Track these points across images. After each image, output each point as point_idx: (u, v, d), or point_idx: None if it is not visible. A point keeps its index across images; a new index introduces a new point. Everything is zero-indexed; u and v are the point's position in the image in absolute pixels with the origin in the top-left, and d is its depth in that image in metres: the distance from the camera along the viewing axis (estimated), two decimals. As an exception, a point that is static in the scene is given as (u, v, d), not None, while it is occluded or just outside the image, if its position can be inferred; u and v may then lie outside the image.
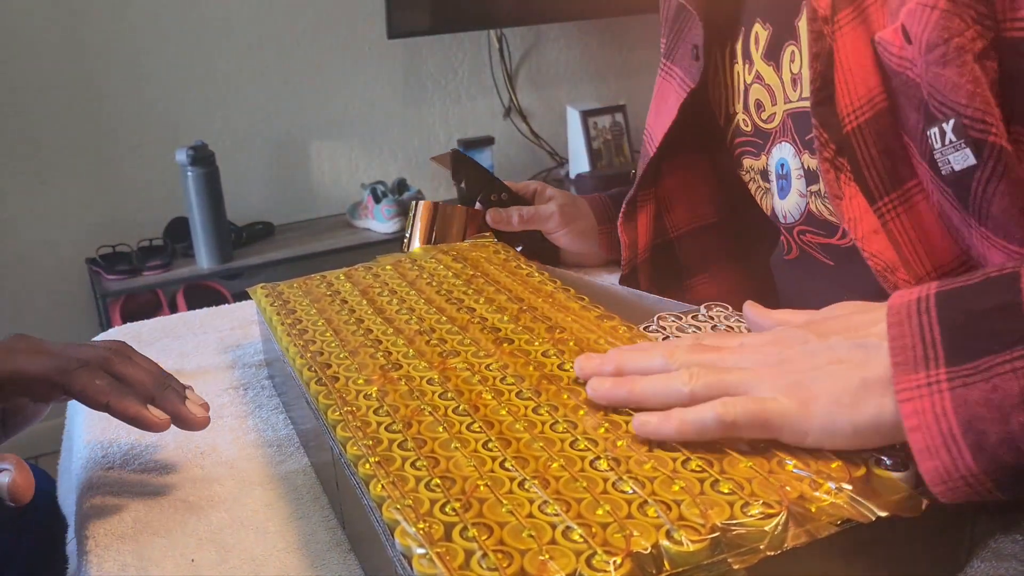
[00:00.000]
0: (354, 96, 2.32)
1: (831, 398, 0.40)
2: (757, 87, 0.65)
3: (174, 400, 0.52)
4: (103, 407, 0.50)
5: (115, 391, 0.50)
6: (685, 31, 0.69)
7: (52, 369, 0.50)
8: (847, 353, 0.41)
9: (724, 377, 0.43)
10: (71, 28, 1.97)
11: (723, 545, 0.35)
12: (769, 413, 0.41)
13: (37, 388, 0.50)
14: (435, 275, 0.68)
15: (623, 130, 2.56)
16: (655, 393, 0.44)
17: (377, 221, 2.18)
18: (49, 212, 2.03)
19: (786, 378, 0.42)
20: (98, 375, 0.50)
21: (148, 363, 0.55)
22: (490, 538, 0.36)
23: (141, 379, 0.52)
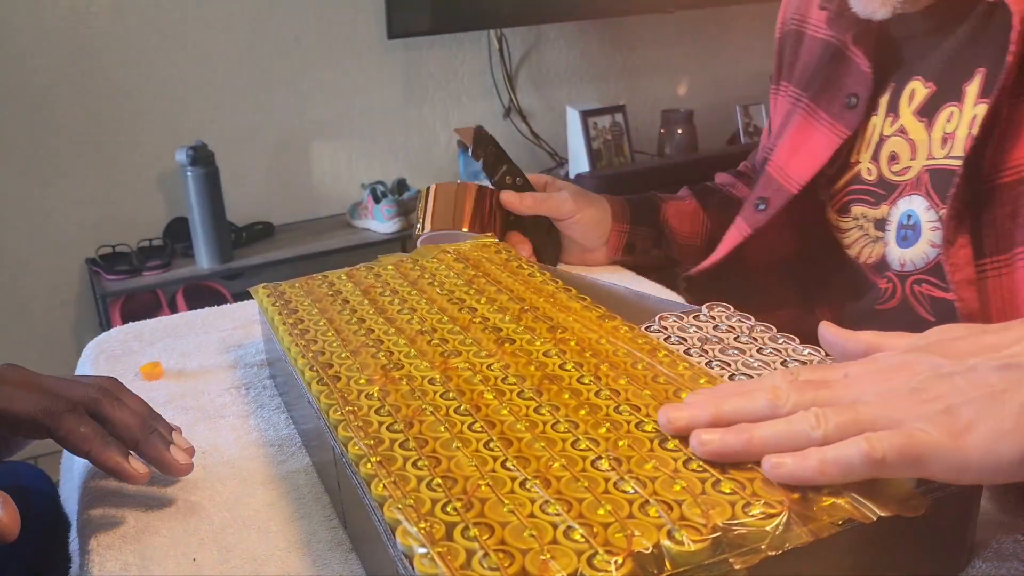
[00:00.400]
0: (354, 96, 2.32)
1: (990, 427, 0.36)
2: (897, 140, 0.67)
3: (158, 446, 0.52)
4: (84, 455, 0.50)
5: (98, 440, 0.50)
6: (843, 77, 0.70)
7: (40, 410, 0.49)
8: (996, 377, 0.38)
9: (856, 415, 0.38)
10: (71, 28, 1.97)
11: (724, 545, 0.35)
12: (921, 446, 0.36)
13: (24, 428, 0.50)
14: (437, 275, 0.68)
15: (623, 130, 2.56)
16: (780, 442, 0.38)
17: (377, 221, 2.18)
18: (49, 212, 2.03)
19: (928, 407, 0.38)
20: (83, 421, 0.50)
21: (137, 403, 0.54)
22: (491, 538, 0.36)
23: (127, 423, 0.52)
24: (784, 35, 0.78)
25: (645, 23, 2.69)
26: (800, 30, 0.75)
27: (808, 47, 0.74)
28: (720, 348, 0.53)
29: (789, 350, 0.52)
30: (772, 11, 0.79)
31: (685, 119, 2.64)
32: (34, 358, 2.06)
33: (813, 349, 0.52)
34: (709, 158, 2.54)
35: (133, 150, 2.09)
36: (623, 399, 0.47)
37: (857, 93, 0.68)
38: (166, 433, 0.54)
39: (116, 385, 0.55)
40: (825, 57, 0.71)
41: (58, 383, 0.52)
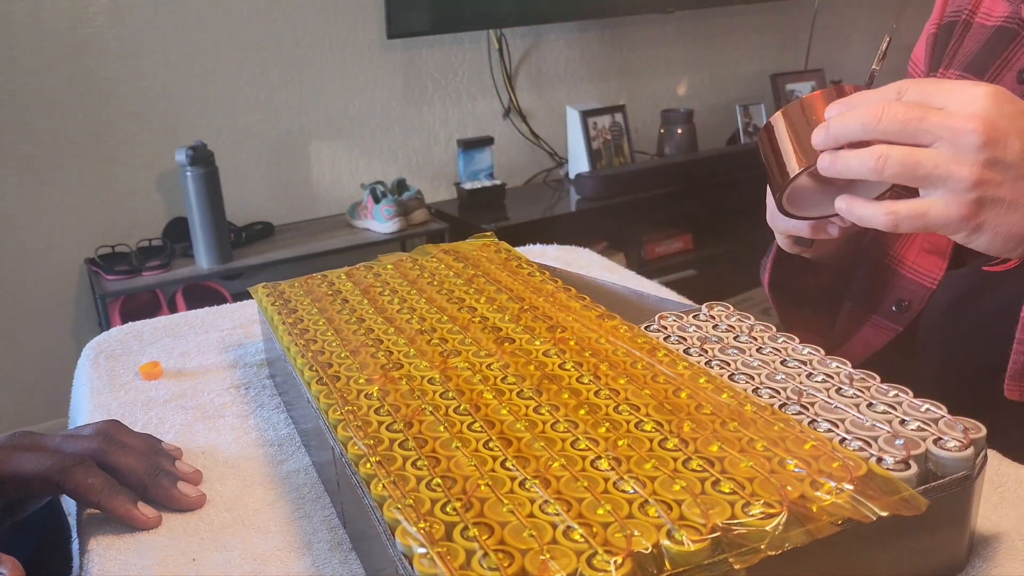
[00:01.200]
0: (354, 96, 2.32)
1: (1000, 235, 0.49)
2: None
3: (165, 485, 0.53)
4: (95, 506, 0.51)
5: (106, 490, 0.51)
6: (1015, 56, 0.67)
7: (49, 468, 0.51)
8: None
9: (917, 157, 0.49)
10: (71, 28, 1.97)
11: (724, 545, 0.35)
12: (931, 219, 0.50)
13: (35, 486, 0.52)
14: (436, 274, 0.68)
15: (623, 130, 2.56)
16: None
17: (377, 221, 2.18)
18: (48, 212, 2.03)
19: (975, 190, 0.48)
20: (92, 473, 0.52)
21: (140, 443, 0.56)
22: (491, 538, 0.36)
23: (133, 468, 0.53)
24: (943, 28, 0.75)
25: (645, 23, 2.69)
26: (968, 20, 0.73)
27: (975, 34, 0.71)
28: (720, 347, 0.53)
29: (788, 349, 0.52)
30: (772, 11, 0.79)
31: (685, 119, 2.64)
32: (34, 358, 2.06)
33: (813, 349, 0.52)
34: (709, 158, 2.54)
35: (133, 150, 2.09)
36: (623, 399, 0.47)
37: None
38: (170, 466, 0.55)
39: (117, 428, 0.56)
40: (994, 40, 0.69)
41: (63, 441, 0.54)
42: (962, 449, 0.40)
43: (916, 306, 0.69)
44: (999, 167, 0.48)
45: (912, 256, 0.70)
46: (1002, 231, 0.49)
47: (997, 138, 0.48)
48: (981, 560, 0.43)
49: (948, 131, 0.49)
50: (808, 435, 0.42)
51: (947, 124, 0.49)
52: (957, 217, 0.49)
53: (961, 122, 0.48)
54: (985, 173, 0.48)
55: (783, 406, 0.45)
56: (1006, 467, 0.52)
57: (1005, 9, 0.68)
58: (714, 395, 0.46)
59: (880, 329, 0.72)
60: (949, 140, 0.49)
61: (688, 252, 2.58)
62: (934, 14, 0.77)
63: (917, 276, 0.70)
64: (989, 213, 0.49)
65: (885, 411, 0.44)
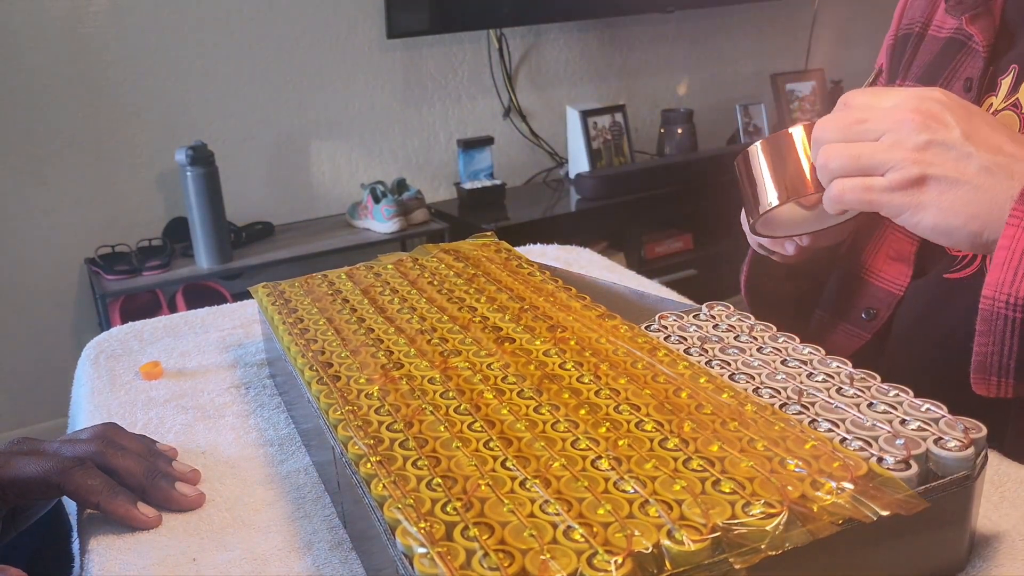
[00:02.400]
0: (354, 96, 2.32)
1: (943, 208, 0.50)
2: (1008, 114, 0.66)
3: (163, 487, 0.54)
4: (94, 507, 0.52)
5: (106, 491, 0.52)
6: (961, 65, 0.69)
7: (49, 471, 0.52)
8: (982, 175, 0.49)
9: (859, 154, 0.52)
10: (71, 28, 1.97)
11: (724, 545, 0.35)
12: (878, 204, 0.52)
13: (36, 490, 0.52)
14: (436, 274, 0.68)
15: (623, 130, 2.56)
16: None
17: (377, 221, 2.18)
18: (48, 212, 2.03)
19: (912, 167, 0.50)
20: (91, 474, 0.52)
21: (137, 445, 0.56)
22: (491, 537, 0.36)
23: (131, 470, 0.53)
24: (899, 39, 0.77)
25: (645, 23, 2.69)
26: (921, 32, 0.75)
27: (927, 46, 0.73)
28: (720, 347, 0.53)
29: (789, 349, 0.52)
30: (772, 11, 0.79)
31: (685, 119, 2.64)
32: (34, 358, 2.06)
33: (813, 348, 0.52)
34: (709, 158, 2.53)
35: (133, 150, 2.09)
36: (623, 398, 0.47)
37: (972, 76, 0.67)
38: (167, 467, 0.55)
39: (115, 431, 0.56)
40: (944, 51, 0.71)
41: (62, 445, 0.54)
42: (963, 449, 0.40)
43: (884, 314, 0.70)
44: (941, 147, 0.50)
45: (879, 264, 0.71)
46: (945, 206, 0.50)
47: (937, 124, 0.51)
48: (981, 560, 0.43)
49: (889, 123, 0.52)
50: (808, 435, 0.42)
51: (888, 118, 0.52)
52: (901, 193, 0.51)
53: (900, 113, 0.52)
54: (926, 154, 0.51)
55: (783, 406, 0.45)
56: (1006, 467, 0.52)
57: (954, 22, 0.69)
58: (714, 395, 0.46)
59: (851, 337, 0.73)
60: (892, 130, 0.51)
61: (688, 252, 2.58)
62: (892, 25, 0.79)
63: (884, 283, 0.71)
64: (932, 190, 0.51)
65: (886, 411, 0.44)
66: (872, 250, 0.72)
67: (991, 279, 0.50)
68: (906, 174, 0.51)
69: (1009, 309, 0.49)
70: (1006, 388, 0.52)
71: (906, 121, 0.51)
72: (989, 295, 0.50)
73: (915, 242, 0.69)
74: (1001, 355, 0.51)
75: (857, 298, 0.73)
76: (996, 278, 0.50)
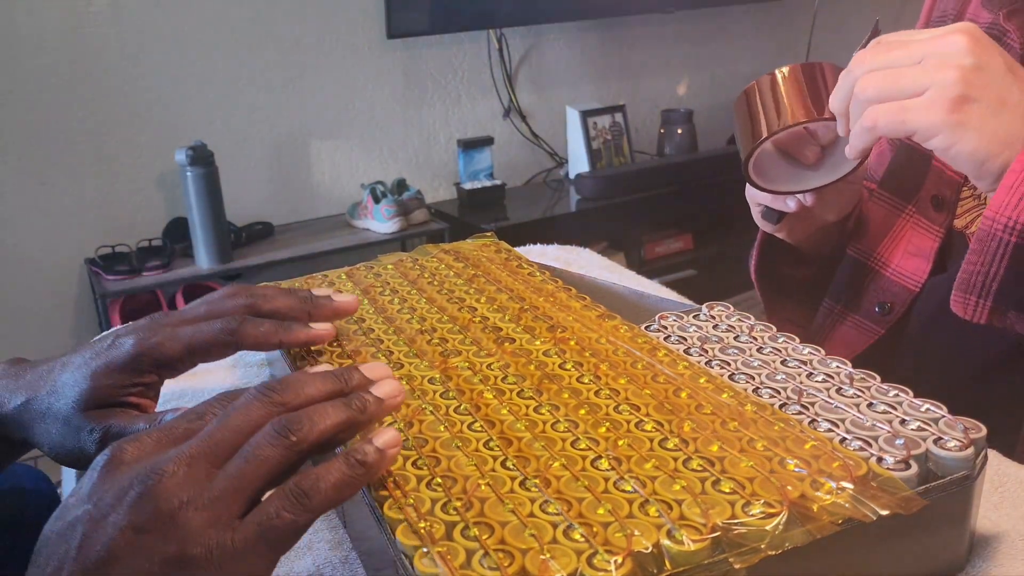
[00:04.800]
0: (354, 96, 2.32)
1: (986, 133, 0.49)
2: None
3: (325, 304, 0.55)
4: (276, 346, 0.53)
5: (280, 329, 0.53)
6: None
7: (221, 331, 0.52)
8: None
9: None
10: (70, 28, 1.97)
11: (724, 544, 0.35)
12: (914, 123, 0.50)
13: (215, 352, 0.53)
14: (436, 274, 0.68)
15: (623, 130, 2.56)
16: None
17: (377, 221, 2.18)
18: (48, 212, 2.03)
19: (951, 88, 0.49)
20: (258, 323, 0.53)
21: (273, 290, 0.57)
22: (491, 537, 0.36)
23: (287, 305, 0.55)
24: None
25: (645, 23, 2.69)
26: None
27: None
28: (720, 347, 0.53)
29: (789, 349, 0.52)
30: (772, 11, 0.79)
31: (685, 119, 2.64)
32: (34, 358, 2.06)
33: (813, 348, 0.52)
34: (709, 158, 2.53)
35: (132, 150, 2.09)
36: (623, 398, 0.47)
37: None
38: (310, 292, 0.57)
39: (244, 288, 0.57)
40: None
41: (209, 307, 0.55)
42: (962, 449, 0.40)
43: (899, 309, 0.69)
44: (985, 72, 0.50)
45: (896, 259, 0.71)
46: (987, 131, 0.50)
47: (981, 49, 0.50)
48: (981, 560, 0.43)
49: (934, 46, 0.51)
50: (808, 435, 0.42)
51: (932, 43, 0.51)
52: (940, 112, 0.50)
53: (946, 36, 0.50)
54: (972, 74, 0.49)
55: (783, 406, 0.45)
56: (1006, 467, 0.52)
57: (988, 17, 0.69)
58: (714, 395, 0.46)
59: (862, 331, 0.72)
60: (935, 53, 0.50)
61: (688, 252, 2.58)
62: (921, 18, 0.78)
63: (900, 279, 0.70)
64: (973, 112, 0.50)
65: (885, 411, 0.44)
66: (890, 244, 0.71)
67: (995, 201, 0.50)
68: (949, 92, 0.49)
69: (1006, 232, 0.49)
70: (982, 311, 0.52)
71: (953, 42, 0.50)
72: (990, 216, 0.50)
73: (937, 238, 0.68)
74: (986, 276, 0.51)
75: (870, 290, 0.72)
76: (1000, 200, 0.49)
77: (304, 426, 0.38)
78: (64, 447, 0.52)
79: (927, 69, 0.50)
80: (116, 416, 0.52)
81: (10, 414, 0.53)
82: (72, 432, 0.51)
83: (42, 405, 0.53)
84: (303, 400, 0.40)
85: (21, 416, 0.53)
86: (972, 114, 0.49)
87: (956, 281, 0.53)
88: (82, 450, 0.52)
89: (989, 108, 0.49)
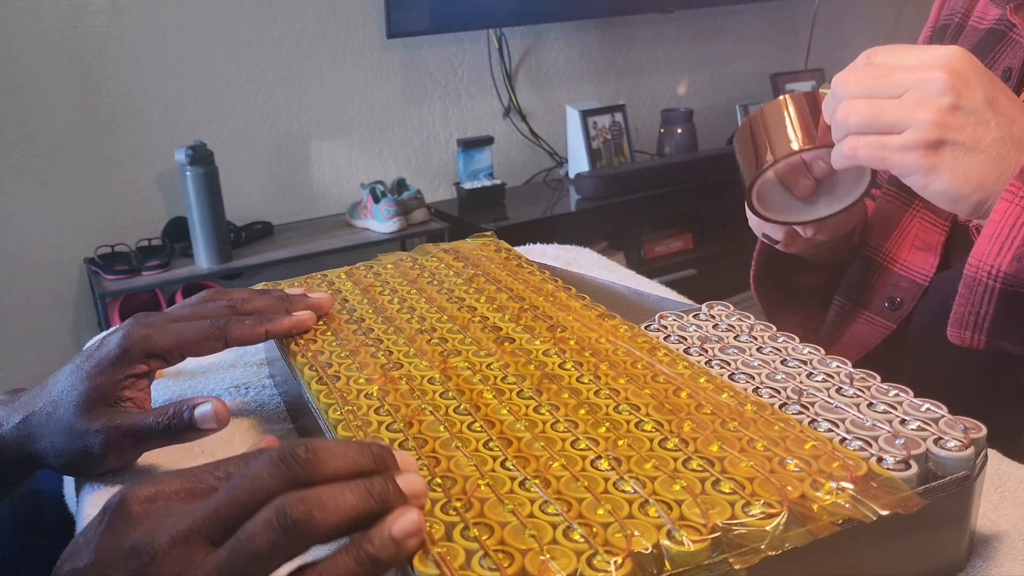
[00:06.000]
0: (354, 96, 2.32)
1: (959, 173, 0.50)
2: None
3: (299, 300, 0.60)
4: (263, 337, 0.57)
5: (265, 320, 0.57)
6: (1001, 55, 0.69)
7: (209, 326, 0.55)
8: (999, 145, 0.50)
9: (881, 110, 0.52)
10: (70, 27, 1.97)
11: (724, 545, 0.35)
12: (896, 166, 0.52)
13: (203, 346, 0.55)
14: (436, 274, 0.68)
15: (623, 130, 2.56)
16: None
17: (376, 221, 2.18)
18: (48, 212, 2.03)
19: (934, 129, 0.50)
20: (242, 318, 0.57)
21: (248, 292, 0.61)
22: (491, 538, 0.36)
23: (266, 304, 0.59)
24: (937, 31, 0.77)
25: (645, 23, 2.69)
26: (961, 23, 0.75)
27: (967, 36, 0.73)
28: (720, 347, 0.53)
29: (789, 349, 0.52)
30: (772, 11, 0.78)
31: (685, 119, 2.64)
32: (33, 358, 2.06)
33: (813, 348, 0.52)
34: (709, 158, 2.53)
35: (132, 150, 2.09)
36: (623, 398, 0.47)
37: (1012, 67, 0.67)
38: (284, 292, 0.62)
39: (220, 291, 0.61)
40: (985, 41, 0.70)
41: (193, 309, 0.58)
42: (962, 449, 0.40)
43: (909, 303, 0.70)
44: (961, 112, 0.50)
45: (904, 254, 0.71)
46: (959, 173, 0.51)
47: (961, 86, 0.50)
48: (981, 560, 0.43)
49: (915, 80, 0.51)
50: (808, 435, 0.42)
51: (914, 75, 0.51)
52: (916, 154, 0.51)
53: (927, 71, 0.51)
54: (947, 116, 0.50)
55: (783, 406, 0.45)
56: (1006, 467, 0.52)
57: (996, 12, 0.69)
58: (714, 395, 0.46)
59: (873, 326, 0.72)
60: (916, 88, 0.51)
61: (688, 252, 2.58)
62: (931, 17, 0.78)
63: (909, 273, 0.70)
64: (947, 155, 0.51)
65: (885, 411, 0.44)
66: (897, 239, 0.72)
67: (978, 249, 0.51)
68: (925, 136, 0.51)
69: (990, 279, 0.51)
70: (978, 342, 0.54)
71: (932, 79, 0.50)
72: (974, 264, 0.52)
73: (943, 232, 0.68)
74: (977, 316, 0.53)
75: (880, 286, 0.72)
76: (982, 249, 0.51)
77: (313, 516, 0.33)
78: (70, 453, 0.53)
79: (907, 106, 0.51)
80: (118, 414, 0.52)
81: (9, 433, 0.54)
82: (76, 437, 0.52)
83: (41, 419, 0.53)
84: (323, 476, 0.35)
85: (20, 433, 0.54)
86: (945, 157, 0.51)
87: (950, 318, 0.55)
88: (88, 452, 0.52)
89: (963, 150, 0.51)
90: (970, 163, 0.51)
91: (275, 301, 0.59)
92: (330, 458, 0.35)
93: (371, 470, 0.36)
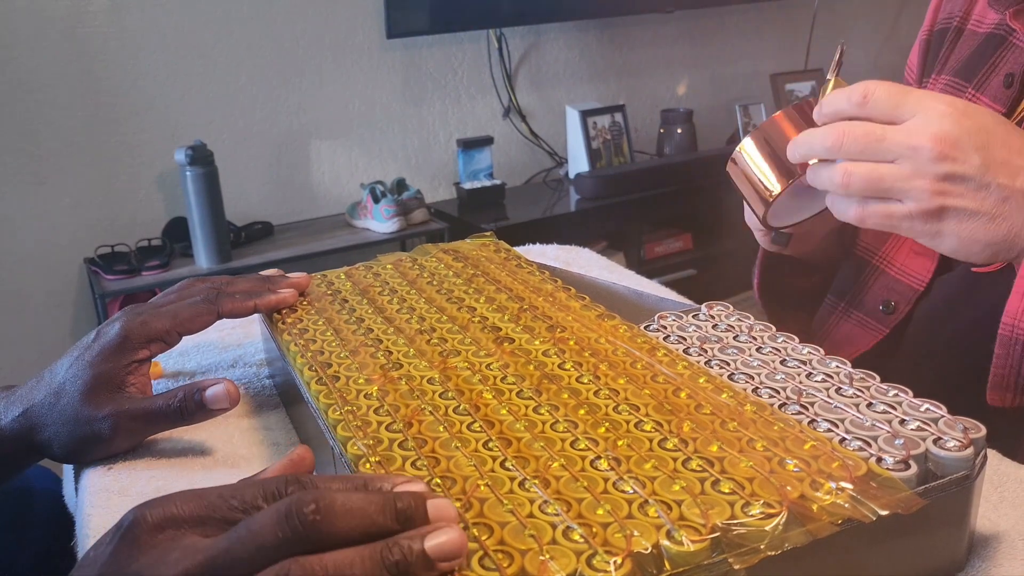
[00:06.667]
0: (354, 96, 2.32)
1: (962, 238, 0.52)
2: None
3: (279, 279, 0.64)
4: (252, 310, 0.61)
5: (253, 294, 0.61)
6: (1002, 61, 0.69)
7: (201, 302, 0.59)
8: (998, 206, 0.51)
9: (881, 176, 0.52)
10: (70, 27, 1.97)
11: (724, 545, 0.35)
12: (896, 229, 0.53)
13: (197, 323, 0.59)
14: (436, 274, 0.68)
15: (622, 130, 2.56)
16: None
17: (376, 221, 2.18)
18: (48, 212, 2.03)
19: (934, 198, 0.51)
20: (233, 295, 0.60)
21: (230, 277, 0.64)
22: (491, 538, 0.36)
23: (250, 285, 0.63)
24: (935, 34, 0.77)
25: (645, 23, 2.69)
26: (960, 27, 0.74)
27: (966, 40, 0.73)
28: (719, 347, 0.53)
29: (788, 349, 0.52)
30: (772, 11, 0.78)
31: (685, 119, 2.64)
32: (32, 358, 2.06)
33: (813, 348, 0.52)
34: (709, 158, 2.53)
35: (132, 150, 2.09)
36: (622, 398, 0.47)
37: (1013, 72, 0.66)
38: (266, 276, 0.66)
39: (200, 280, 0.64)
40: (984, 46, 0.70)
41: (179, 294, 0.61)
42: (962, 449, 0.40)
43: (903, 308, 0.70)
44: (958, 179, 0.51)
45: (901, 258, 0.71)
46: (964, 236, 0.52)
47: (955, 154, 0.50)
48: (981, 560, 0.43)
49: (907, 149, 0.51)
50: (808, 435, 0.42)
51: (906, 143, 0.51)
52: (920, 222, 0.52)
53: (919, 140, 0.51)
54: (944, 185, 0.51)
55: (783, 406, 0.45)
56: (1006, 467, 0.52)
57: (995, 16, 0.69)
58: (714, 395, 0.46)
59: (867, 330, 0.72)
60: (909, 157, 0.51)
61: (688, 252, 2.58)
62: (926, 20, 0.78)
63: (905, 277, 0.71)
64: (951, 221, 0.52)
65: (885, 411, 0.44)
66: (896, 242, 0.72)
67: (1011, 307, 0.52)
68: (925, 205, 0.51)
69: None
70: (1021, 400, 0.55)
71: (923, 149, 0.51)
72: (1008, 323, 0.53)
73: None
74: (1018, 376, 0.54)
75: (874, 288, 0.72)
76: (1015, 307, 0.52)
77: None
78: (75, 440, 0.54)
79: (904, 175, 0.52)
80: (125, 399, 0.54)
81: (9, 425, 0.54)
82: (83, 424, 0.53)
83: (43, 410, 0.54)
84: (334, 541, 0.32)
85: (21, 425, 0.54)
86: (949, 223, 0.52)
87: (990, 382, 0.55)
88: (97, 437, 0.54)
89: (966, 215, 0.51)
90: (974, 226, 0.51)
91: (258, 282, 0.63)
92: (343, 518, 0.32)
93: (390, 531, 0.33)
